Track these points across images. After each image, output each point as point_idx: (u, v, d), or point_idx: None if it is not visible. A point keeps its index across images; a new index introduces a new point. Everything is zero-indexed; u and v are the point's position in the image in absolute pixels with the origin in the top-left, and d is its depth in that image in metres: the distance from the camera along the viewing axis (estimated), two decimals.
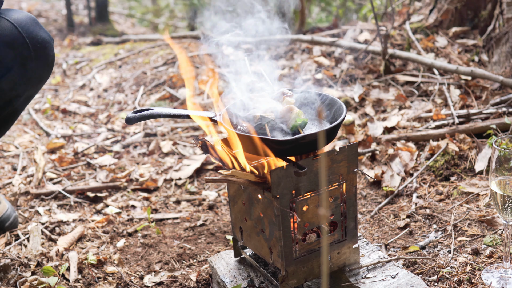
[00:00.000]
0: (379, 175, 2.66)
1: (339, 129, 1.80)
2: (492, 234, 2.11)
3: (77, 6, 8.77)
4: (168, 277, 2.19)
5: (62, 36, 6.92)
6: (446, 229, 2.21)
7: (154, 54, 4.92)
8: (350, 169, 1.75)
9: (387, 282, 1.78)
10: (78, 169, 3.17)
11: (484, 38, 3.57)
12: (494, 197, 1.74)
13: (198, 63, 4.50)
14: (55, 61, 5.22)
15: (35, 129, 3.84)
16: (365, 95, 3.42)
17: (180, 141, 3.39)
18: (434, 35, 3.83)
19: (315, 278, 1.80)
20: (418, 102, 3.24)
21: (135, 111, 1.78)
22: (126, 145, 3.42)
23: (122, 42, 5.77)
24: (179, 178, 2.99)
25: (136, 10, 9.37)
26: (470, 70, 3.17)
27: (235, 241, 1.96)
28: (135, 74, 4.50)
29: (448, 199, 2.42)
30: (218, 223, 2.56)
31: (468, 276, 1.89)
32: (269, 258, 1.77)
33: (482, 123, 2.76)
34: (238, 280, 1.89)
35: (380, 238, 2.26)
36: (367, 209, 2.49)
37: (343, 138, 3.03)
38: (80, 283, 2.16)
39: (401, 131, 2.96)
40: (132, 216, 2.66)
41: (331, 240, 1.80)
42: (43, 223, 2.59)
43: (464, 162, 2.61)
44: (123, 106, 4.07)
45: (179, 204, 2.77)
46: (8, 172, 3.19)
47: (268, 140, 1.62)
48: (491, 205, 2.29)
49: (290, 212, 1.66)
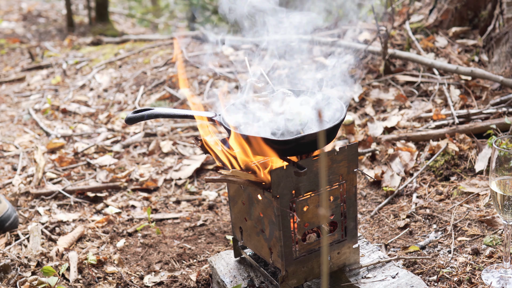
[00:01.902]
0: (379, 175, 2.66)
1: (339, 129, 1.80)
2: (492, 234, 2.11)
3: (77, 6, 8.78)
4: (168, 277, 2.19)
5: (62, 36, 6.92)
6: (446, 229, 2.21)
7: (154, 54, 4.92)
8: (350, 169, 1.75)
9: (387, 282, 1.78)
10: (78, 169, 3.17)
11: (484, 38, 3.56)
12: (494, 197, 1.74)
13: (198, 63, 4.50)
14: (56, 61, 5.22)
15: (35, 129, 3.84)
16: (365, 95, 3.42)
17: (180, 141, 3.39)
18: (434, 35, 3.82)
19: (315, 278, 1.80)
20: (418, 102, 3.24)
21: (135, 111, 1.78)
22: (126, 145, 3.42)
23: (122, 42, 5.77)
24: (179, 178, 2.99)
25: (136, 10, 9.37)
26: (470, 70, 3.17)
27: (235, 241, 1.96)
28: (135, 74, 4.50)
29: (448, 199, 2.42)
30: (218, 223, 2.56)
31: (468, 276, 1.89)
32: (269, 258, 1.77)
33: (482, 123, 2.76)
34: (238, 280, 1.89)
35: (380, 238, 2.26)
36: (367, 209, 2.49)
37: (343, 138, 3.03)
38: (80, 283, 2.16)
39: (401, 131, 2.96)
40: (132, 216, 2.66)
41: (331, 240, 1.80)
42: (43, 223, 2.59)
43: (464, 162, 2.61)
44: (123, 106, 4.07)
45: (179, 204, 2.77)
46: (8, 172, 3.19)
47: (268, 140, 1.62)
48: (491, 205, 2.29)
49: (290, 212, 1.66)
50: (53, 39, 6.73)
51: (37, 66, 5.25)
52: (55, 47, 5.95)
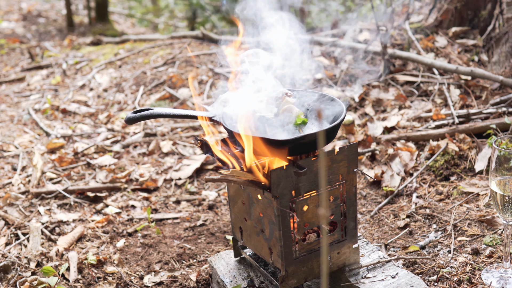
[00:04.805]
0: (379, 175, 2.66)
1: (339, 129, 1.80)
2: (492, 234, 2.11)
3: (77, 6, 8.78)
4: (168, 277, 2.19)
5: (62, 36, 6.92)
6: (446, 229, 2.21)
7: (154, 54, 4.92)
8: (350, 169, 1.75)
9: (387, 282, 1.78)
10: (78, 169, 3.17)
11: (484, 38, 3.56)
12: (494, 197, 1.74)
13: (198, 63, 4.50)
14: (56, 61, 5.22)
15: (35, 129, 3.84)
16: (365, 95, 3.42)
17: (180, 141, 3.39)
18: (434, 35, 3.82)
19: (315, 278, 1.80)
20: (418, 102, 3.24)
21: (135, 111, 1.78)
22: (126, 145, 3.42)
23: (122, 42, 5.77)
24: (179, 178, 2.99)
25: (136, 10, 9.37)
26: (470, 70, 3.17)
27: (235, 241, 1.96)
28: (135, 74, 4.50)
29: (448, 199, 2.42)
30: (218, 223, 2.56)
31: (468, 276, 1.89)
32: (269, 258, 1.77)
33: (482, 123, 2.76)
34: (238, 280, 1.89)
35: (380, 238, 2.25)
36: (367, 209, 2.49)
37: (343, 138, 3.03)
38: (80, 283, 2.16)
39: (401, 131, 2.96)
40: (132, 216, 2.66)
41: (331, 240, 1.80)
42: (43, 223, 2.59)
43: (464, 162, 2.61)
44: (123, 106, 4.07)
45: (179, 204, 2.77)
46: (8, 172, 3.19)
47: (268, 140, 1.62)
48: (491, 205, 2.29)
49: (290, 212, 1.66)
50: (53, 39, 6.73)
51: (37, 66, 5.25)
52: (55, 47, 5.95)
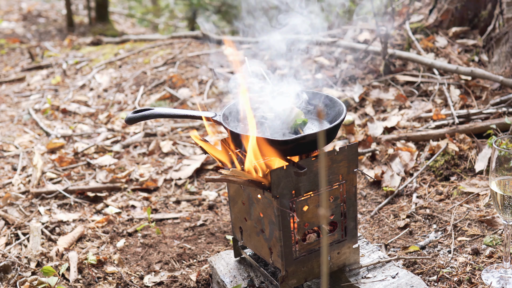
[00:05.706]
0: (379, 175, 2.66)
1: (339, 129, 1.80)
2: (492, 234, 2.10)
3: (77, 6, 8.78)
4: (168, 277, 2.19)
5: (62, 36, 6.92)
6: (446, 229, 2.21)
7: (154, 54, 4.92)
8: (350, 169, 1.75)
9: (387, 282, 1.78)
10: (78, 169, 3.17)
11: (484, 38, 3.56)
12: (494, 197, 1.74)
13: (198, 63, 4.50)
14: (56, 61, 5.21)
15: (35, 129, 3.84)
16: (365, 95, 3.42)
17: (180, 141, 3.39)
18: (434, 35, 3.82)
19: (315, 278, 1.80)
20: (418, 102, 3.24)
21: (135, 111, 1.78)
22: (126, 145, 3.42)
23: (122, 42, 5.77)
24: (179, 178, 2.99)
25: (136, 10, 9.37)
26: (470, 70, 3.17)
27: (235, 241, 1.96)
28: (135, 74, 4.50)
29: (448, 199, 2.42)
30: (218, 223, 2.56)
31: (468, 276, 1.89)
32: (269, 258, 1.77)
33: (482, 123, 2.76)
34: (238, 280, 1.89)
35: (380, 238, 2.25)
36: (367, 209, 2.49)
37: (343, 138, 3.03)
38: (80, 283, 2.16)
39: (401, 131, 2.96)
40: (132, 216, 2.66)
41: (331, 240, 1.80)
42: (43, 223, 2.59)
43: (464, 162, 2.61)
44: (123, 106, 4.07)
45: (179, 204, 2.77)
46: (8, 172, 3.19)
47: (268, 140, 1.62)
48: (491, 205, 2.29)
49: (290, 212, 1.66)
50: (53, 39, 6.73)
51: (37, 66, 5.25)
52: (55, 47, 5.95)
